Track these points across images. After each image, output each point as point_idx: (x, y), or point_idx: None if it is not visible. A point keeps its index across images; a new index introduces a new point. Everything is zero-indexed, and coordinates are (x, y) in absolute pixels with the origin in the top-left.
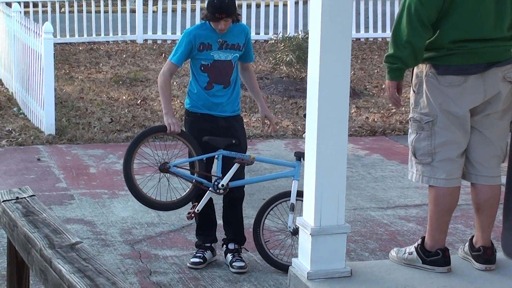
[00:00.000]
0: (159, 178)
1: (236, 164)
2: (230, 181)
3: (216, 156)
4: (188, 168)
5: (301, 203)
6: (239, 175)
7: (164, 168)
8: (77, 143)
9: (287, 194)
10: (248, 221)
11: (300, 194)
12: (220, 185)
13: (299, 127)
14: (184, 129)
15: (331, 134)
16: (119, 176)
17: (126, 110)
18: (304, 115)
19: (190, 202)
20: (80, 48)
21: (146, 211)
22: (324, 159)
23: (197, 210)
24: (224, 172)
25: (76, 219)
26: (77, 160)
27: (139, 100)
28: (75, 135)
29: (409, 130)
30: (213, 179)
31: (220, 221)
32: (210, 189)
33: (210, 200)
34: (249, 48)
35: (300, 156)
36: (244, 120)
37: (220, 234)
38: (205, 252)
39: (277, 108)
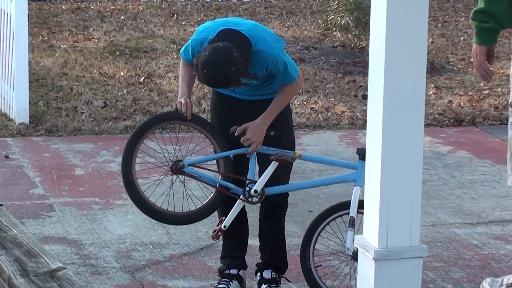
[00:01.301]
0: (171, 182)
1: (273, 163)
2: (267, 186)
3: (247, 154)
4: (210, 168)
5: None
6: (279, 178)
7: (177, 168)
8: (59, 135)
9: (346, 206)
10: (291, 241)
11: (363, 205)
12: (253, 191)
13: (358, 113)
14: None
15: (402, 124)
16: (115, 179)
17: (124, 91)
18: (364, 97)
19: (214, 214)
20: (64, 8)
21: (151, 227)
22: (392, 157)
23: (224, 227)
24: (260, 174)
25: (57, 238)
26: (59, 157)
27: (142, 77)
28: (55, 125)
29: (509, 120)
30: (246, 183)
31: (253, 241)
32: (240, 196)
33: (242, 212)
34: (279, 73)
35: (364, 153)
36: None
37: (253, 258)
38: (231, 283)
39: (328, 88)
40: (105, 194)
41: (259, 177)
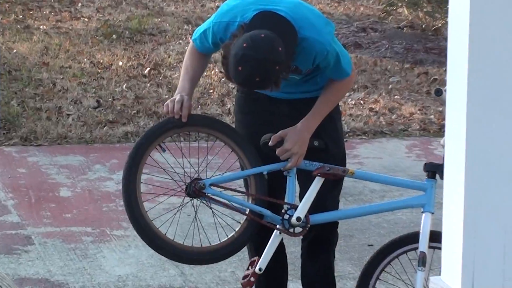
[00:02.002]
0: (195, 208)
1: (318, 180)
2: (311, 212)
3: (285, 170)
4: (238, 189)
5: (437, 253)
6: (326, 201)
7: (195, 189)
8: (38, 144)
9: (413, 238)
10: (344, 285)
11: (436, 237)
12: (294, 219)
13: (431, 116)
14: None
15: (493, 129)
16: (112, 203)
17: (124, 86)
18: (438, 92)
19: (245, 251)
20: None
21: (160, 266)
22: (480, 173)
23: (260, 270)
24: (301, 197)
25: (37, 280)
26: (38, 174)
27: (147, 69)
28: (33, 130)
29: None
30: (283, 208)
31: (294, 284)
32: (278, 226)
33: (280, 247)
34: (328, 66)
35: (435, 170)
36: None
37: None
38: None
39: (392, 82)
40: (99, 222)
41: (300, 200)
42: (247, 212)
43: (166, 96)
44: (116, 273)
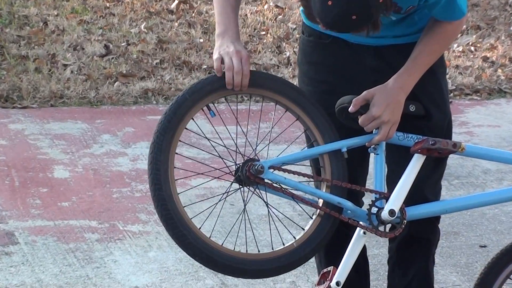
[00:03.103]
0: (245, 198)
1: (417, 158)
2: (406, 203)
3: (371, 145)
4: (306, 173)
5: None
6: (425, 188)
7: (249, 173)
8: (24, 105)
9: None
10: None
11: None
12: (386, 213)
13: None
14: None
15: None
16: (127, 186)
17: (142, 26)
18: None
19: (314, 261)
20: None
21: (193, 274)
22: None
23: (337, 284)
24: (393, 182)
25: None
26: (24, 147)
27: (175, 1)
28: (18, 87)
29: None
30: (367, 202)
31: None
32: (361, 223)
33: (361, 254)
34: (439, 3)
35: None
36: None
37: None
38: None
39: None
40: (109, 214)
41: (389, 187)
42: (320, 206)
43: (201, 40)
44: (132, 283)
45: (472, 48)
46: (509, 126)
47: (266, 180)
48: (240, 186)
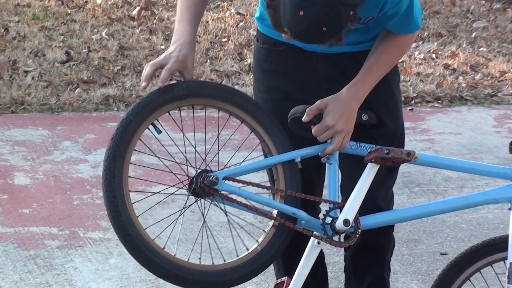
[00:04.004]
0: (203, 213)
1: (371, 167)
2: (361, 212)
3: (324, 155)
4: (261, 183)
5: None
6: (378, 197)
7: (204, 185)
8: None
9: (502, 245)
10: None
11: None
12: (341, 223)
13: None
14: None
15: None
16: (87, 193)
17: (104, 33)
18: None
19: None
20: None
21: (154, 281)
22: None
23: None
24: (347, 191)
25: None
26: None
27: (137, 8)
28: None
29: None
30: (323, 209)
31: None
32: (315, 233)
33: (319, 256)
34: (397, 15)
35: None
36: None
37: None
38: None
39: (477, 29)
40: (69, 220)
41: (343, 196)
42: (275, 217)
43: (162, 47)
44: None
45: (434, 55)
46: (470, 133)
47: (221, 191)
48: (197, 199)
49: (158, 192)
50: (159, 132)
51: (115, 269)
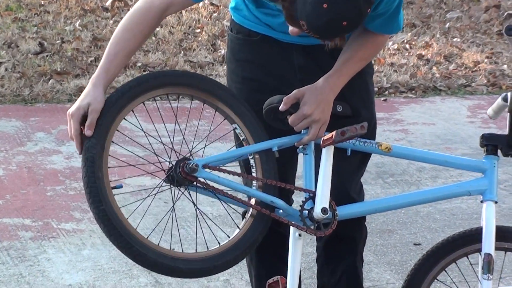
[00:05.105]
0: (173, 200)
1: (326, 150)
2: (336, 205)
3: (300, 145)
4: (238, 172)
5: (508, 256)
6: (350, 188)
7: (182, 173)
8: None
9: (476, 236)
10: None
11: (506, 234)
12: (319, 212)
13: (504, 66)
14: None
15: None
16: (60, 184)
17: (77, 24)
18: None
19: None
20: None
21: (127, 272)
22: None
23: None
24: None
25: None
26: None
27: None
28: None
29: None
30: (301, 198)
31: None
32: (292, 223)
33: (281, 244)
34: (387, 12)
35: (496, 143)
36: None
37: None
38: None
39: (451, 20)
40: (43, 212)
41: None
42: (252, 205)
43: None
44: (66, 282)
45: (407, 46)
46: (443, 124)
47: (202, 179)
48: (171, 186)
49: (135, 165)
50: (120, 187)
51: (88, 260)
